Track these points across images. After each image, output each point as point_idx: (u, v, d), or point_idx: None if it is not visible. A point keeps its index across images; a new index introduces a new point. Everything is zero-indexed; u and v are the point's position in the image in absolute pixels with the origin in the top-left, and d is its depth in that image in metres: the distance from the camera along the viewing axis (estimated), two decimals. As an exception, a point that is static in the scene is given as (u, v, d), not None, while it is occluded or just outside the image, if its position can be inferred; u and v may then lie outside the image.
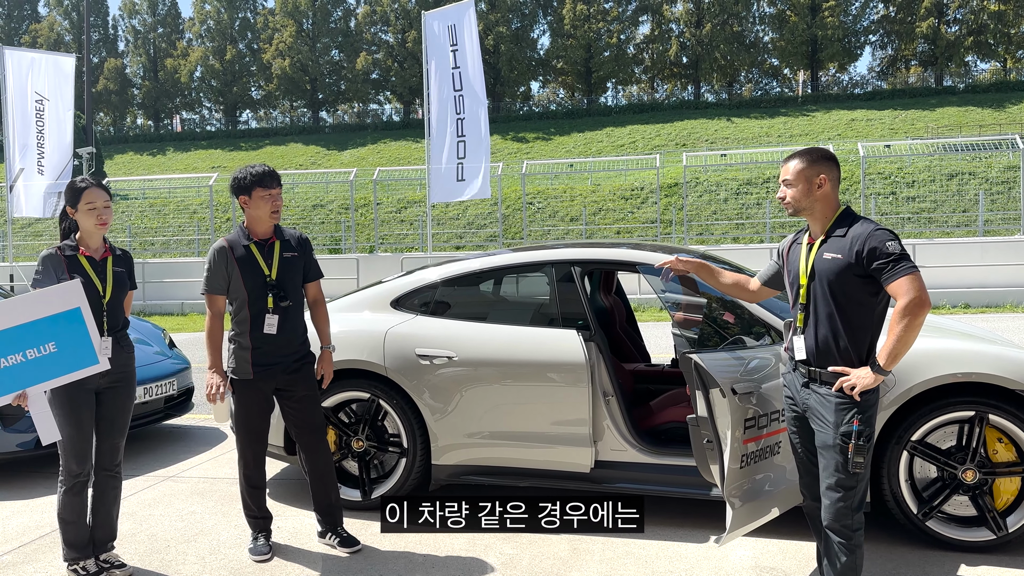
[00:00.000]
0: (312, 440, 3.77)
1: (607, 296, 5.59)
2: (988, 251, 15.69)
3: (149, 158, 58.03)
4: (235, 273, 3.59)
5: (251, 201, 3.59)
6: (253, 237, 3.65)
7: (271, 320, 3.59)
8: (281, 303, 3.61)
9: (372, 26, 65.61)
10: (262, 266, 3.61)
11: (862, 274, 2.74)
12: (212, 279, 3.63)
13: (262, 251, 3.63)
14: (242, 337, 3.63)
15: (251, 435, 3.73)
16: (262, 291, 3.59)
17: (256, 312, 3.60)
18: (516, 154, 47.25)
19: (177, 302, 18.36)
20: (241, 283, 3.59)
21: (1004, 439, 3.54)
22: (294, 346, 3.69)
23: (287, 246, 3.70)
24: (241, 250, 3.62)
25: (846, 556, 2.81)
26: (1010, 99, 48.13)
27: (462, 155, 15.39)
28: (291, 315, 3.65)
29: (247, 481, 3.77)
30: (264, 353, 3.62)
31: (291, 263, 3.68)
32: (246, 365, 3.63)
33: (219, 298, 3.66)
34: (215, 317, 3.65)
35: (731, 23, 59.51)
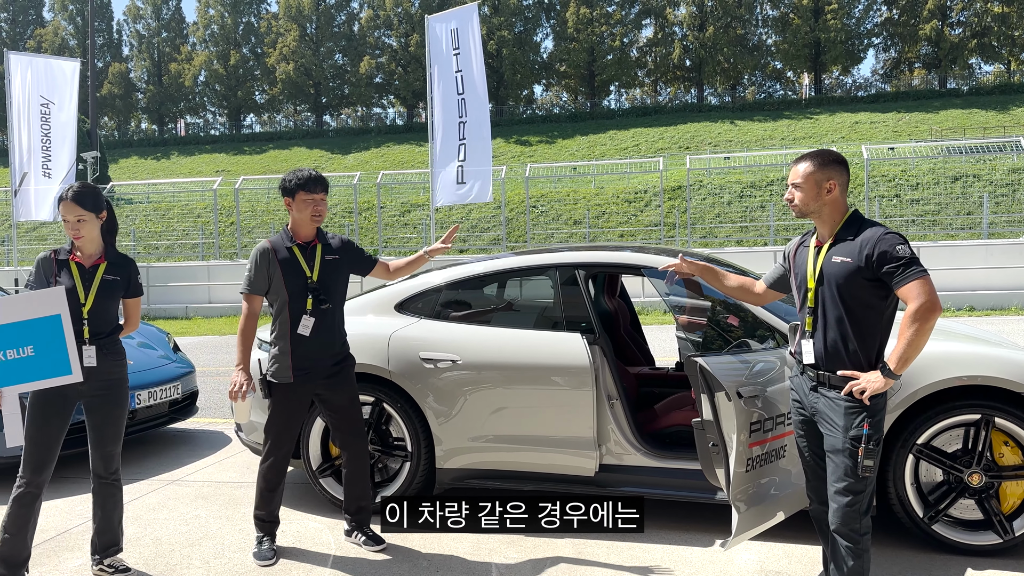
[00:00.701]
0: (353, 443, 3.80)
1: (611, 299, 5.58)
2: (993, 253, 15.65)
3: (153, 162, 58.18)
4: (277, 274, 3.63)
5: (294, 204, 3.65)
6: (296, 240, 3.70)
7: (307, 321, 3.62)
8: (321, 305, 3.63)
9: (375, 30, 65.72)
10: (304, 268, 3.65)
11: (872, 278, 2.73)
12: (254, 279, 3.66)
13: (304, 253, 3.68)
14: (282, 340, 3.65)
15: (281, 438, 3.72)
16: (303, 293, 3.63)
17: (296, 314, 3.63)
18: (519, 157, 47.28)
19: (181, 306, 18.39)
20: (282, 284, 3.62)
21: (1010, 442, 3.53)
22: (334, 348, 3.71)
23: (328, 249, 3.74)
24: (284, 252, 3.66)
25: (853, 560, 2.80)
26: (1014, 101, 48.04)
27: (463, 158, 15.40)
28: (330, 318, 3.67)
29: (266, 483, 3.76)
30: (303, 355, 3.63)
31: (333, 266, 3.71)
32: (286, 370, 3.64)
33: (257, 298, 3.69)
34: (250, 317, 3.67)
35: (734, 26, 59.50)
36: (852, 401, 2.76)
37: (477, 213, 30.65)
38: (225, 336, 14.28)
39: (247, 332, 3.66)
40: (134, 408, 5.49)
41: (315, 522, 4.24)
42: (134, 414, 5.51)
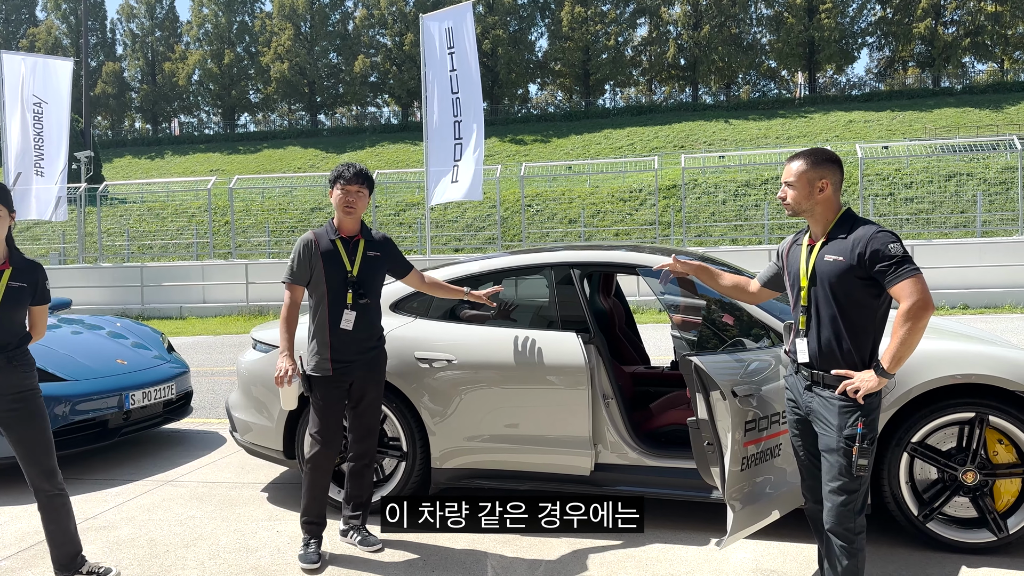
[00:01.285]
0: (364, 440, 3.80)
1: (606, 298, 5.58)
2: (986, 252, 15.70)
3: (147, 161, 58.06)
4: (318, 266, 3.63)
5: (332, 195, 3.69)
6: (340, 233, 3.70)
7: (348, 316, 3.63)
8: (360, 300, 3.65)
9: (370, 29, 65.68)
10: (345, 262, 3.66)
11: (864, 276, 2.73)
12: (296, 270, 3.67)
13: (347, 247, 3.69)
14: (321, 333, 3.66)
15: (325, 433, 3.69)
16: (342, 287, 3.64)
17: (335, 308, 3.64)
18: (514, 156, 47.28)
19: (176, 306, 18.35)
20: (323, 277, 3.62)
21: (1004, 440, 3.54)
22: (371, 342, 3.74)
23: (371, 245, 3.75)
24: (327, 244, 3.67)
25: (847, 559, 2.80)
26: (1007, 100, 48.22)
27: (458, 157, 15.42)
28: (368, 312, 3.70)
29: (312, 484, 3.70)
30: (342, 349, 3.64)
31: (373, 262, 3.73)
32: (325, 362, 3.64)
33: (299, 288, 3.70)
34: (293, 306, 3.69)
35: (729, 25, 59.61)
36: (846, 400, 2.76)
37: (472, 212, 30.64)
38: (220, 336, 14.25)
39: (290, 320, 3.67)
40: (128, 409, 5.48)
41: (310, 522, 4.23)
42: (128, 414, 5.50)
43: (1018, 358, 3.56)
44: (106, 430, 5.40)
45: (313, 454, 3.69)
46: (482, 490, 4.09)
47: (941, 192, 27.34)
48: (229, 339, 13.57)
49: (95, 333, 6.21)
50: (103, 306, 18.25)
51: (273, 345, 4.55)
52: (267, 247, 29.54)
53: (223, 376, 9.35)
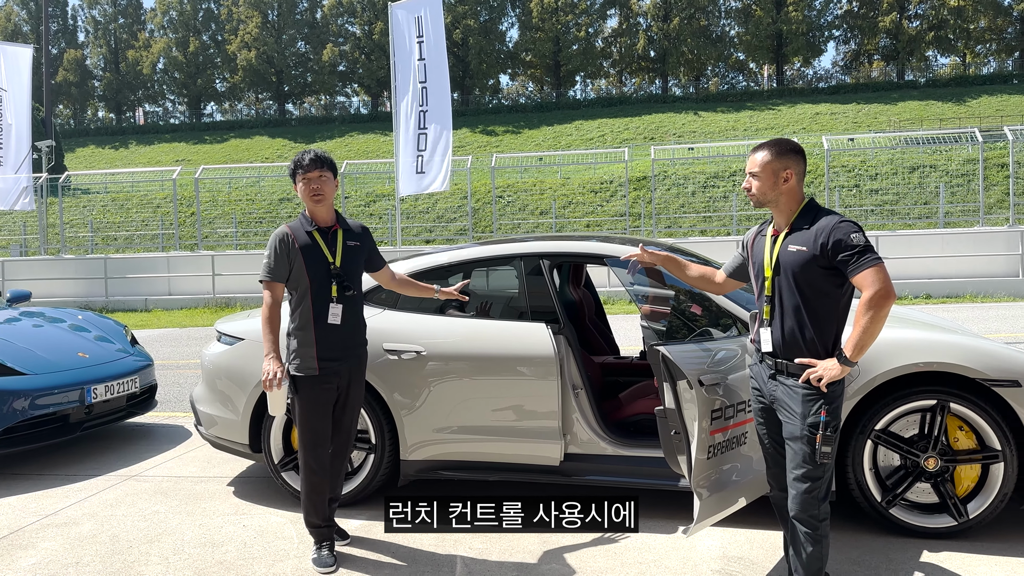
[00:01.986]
0: (339, 435, 3.65)
1: (576, 289, 5.59)
2: (949, 242, 15.99)
3: (111, 151, 56.99)
4: (298, 260, 3.44)
5: (297, 187, 3.52)
6: (316, 224, 3.53)
7: (335, 310, 3.46)
8: (346, 292, 3.49)
9: (338, 17, 65.01)
10: (326, 253, 3.48)
11: (827, 266, 2.75)
12: (275, 266, 3.46)
13: (325, 238, 3.51)
14: (305, 331, 3.46)
15: (316, 437, 3.51)
16: (326, 279, 3.46)
17: (320, 302, 3.47)
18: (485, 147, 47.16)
19: (140, 298, 18.06)
20: (304, 271, 3.44)
21: (965, 427, 3.60)
22: (359, 338, 3.60)
23: (350, 234, 3.59)
24: (304, 237, 3.48)
25: (812, 546, 2.84)
26: (969, 93, 49.10)
27: (423, 147, 15.34)
28: (355, 305, 3.56)
29: (312, 488, 3.54)
30: (329, 346, 3.46)
31: (355, 252, 3.58)
32: (311, 360, 3.45)
33: (278, 286, 3.49)
34: (274, 305, 3.47)
35: (698, 17, 59.92)
36: (810, 389, 2.78)
37: (443, 203, 30.52)
38: (186, 329, 14.06)
39: (273, 320, 3.44)
40: (90, 403, 5.38)
41: (277, 516, 4.19)
42: (90, 408, 5.40)
43: (978, 346, 3.62)
44: (67, 425, 5.30)
45: (309, 459, 3.53)
46: (452, 488, 4.07)
47: (905, 184, 27.78)
48: (195, 332, 13.39)
49: (56, 326, 6.08)
50: (65, 299, 17.91)
51: (238, 337, 4.49)
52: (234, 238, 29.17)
53: (188, 369, 9.23)
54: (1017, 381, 3.47)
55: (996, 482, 3.53)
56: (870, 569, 3.34)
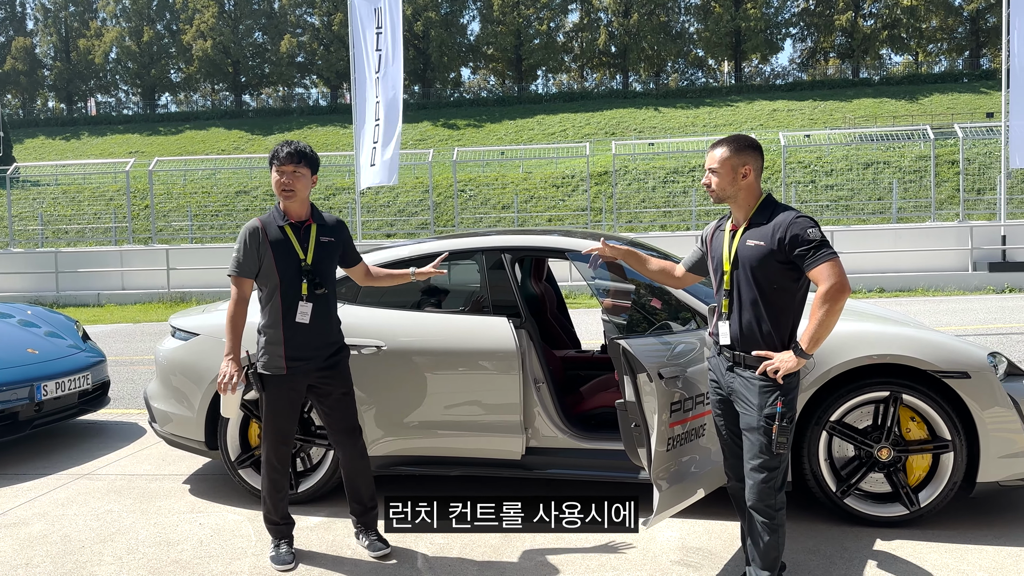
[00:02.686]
0: (348, 440, 3.56)
1: (538, 283, 5.59)
2: (901, 237, 16.37)
3: (62, 142, 55.54)
4: (267, 256, 3.31)
5: (272, 178, 3.37)
6: (288, 218, 3.39)
7: (304, 308, 3.34)
8: (316, 290, 3.37)
9: (296, 8, 64.11)
10: (297, 249, 3.35)
11: (784, 260, 2.79)
12: (243, 261, 3.33)
13: (297, 234, 3.38)
14: (273, 328, 3.35)
15: (279, 435, 3.44)
16: (296, 276, 3.33)
17: (289, 300, 3.34)
18: (447, 141, 46.98)
19: (93, 292, 17.65)
20: (273, 267, 3.31)
21: (916, 418, 3.68)
22: (330, 337, 3.45)
23: (324, 230, 3.45)
24: (275, 231, 3.35)
25: (769, 535, 2.88)
26: (922, 91, 50.24)
27: (376, 140, 15.24)
28: (325, 304, 3.42)
29: (273, 485, 3.48)
30: (297, 345, 3.35)
31: (328, 248, 3.44)
32: (278, 359, 3.35)
33: (247, 282, 3.37)
34: (240, 302, 3.35)
35: (658, 13, 60.35)
36: (766, 380, 2.82)
37: (404, 197, 30.35)
38: (140, 324, 13.78)
39: (237, 318, 3.35)
40: (40, 400, 5.24)
41: (234, 514, 4.12)
42: (40, 406, 5.26)
43: (930, 339, 3.71)
44: (16, 422, 5.15)
45: (272, 456, 3.46)
46: (452, 488, 4.01)
47: (859, 180, 28.36)
48: (149, 327, 13.13)
49: (4, 321, 5.92)
50: (14, 293, 17.44)
51: (193, 332, 4.41)
52: (189, 232, 28.65)
53: (142, 365, 9.05)
54: (966, 373, 3.56)
55: (946, 471, 3.62)
56: (825, 558, 3.40)
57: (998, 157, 21.60)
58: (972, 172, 26.76)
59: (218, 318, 4.48)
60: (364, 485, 3.59)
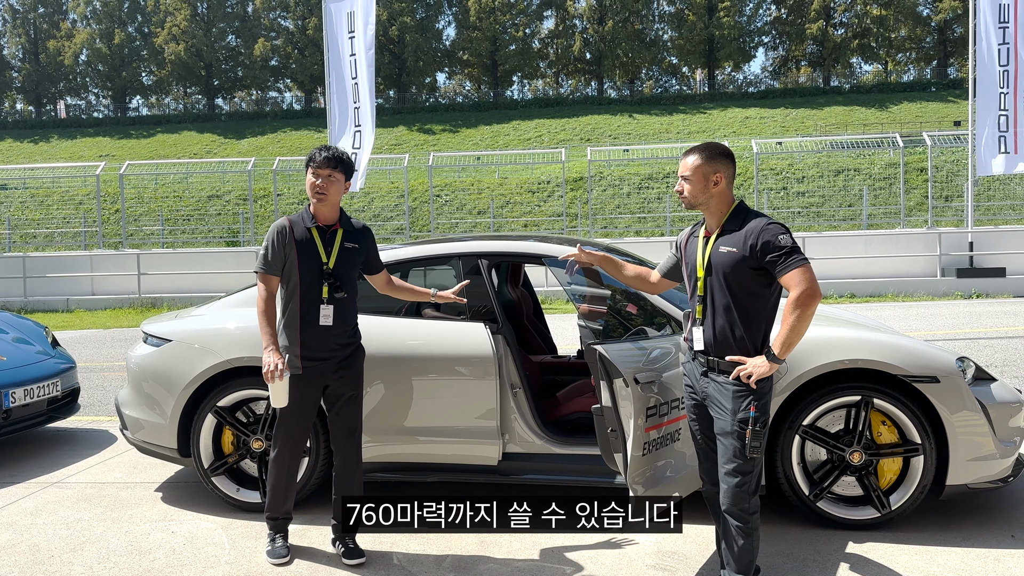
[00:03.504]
0: (346, 444, 3.58)
1: (514, 289, 5.60)
2: (872, 244, 16.60)
3: (31, 145, 54.63)
4: (292, 256, 3.40)
5: (306, 180, 3.45)
6: (316, 221, 3.46)
7: (326, 311, 3.41)
8: (336, 294, 3.43)
9: (271, 11, 63.69)
10: (320, 253, 3.43)
11: (756, 266, 2.83)
12: (271, 259, 3.42)
13: (323, 237, 3.45)
14: (291, 329, 3.42)
15: (291, 435, 3.51)
16: (317, 279, 3.41)
17: (309, 302, 3.41)
18: (423, 146, 46.90)
19: (62, 298, 17.37)
20: (296, 267, 3.39)
21: (887, 422, 3.74)
22: (345, 339, 3.52)
23: (350, 236, 3.52)
24: (302, 232, 3.43)
25: (743, 539, 2.91)
26: (891, 100, 51.05)
27: (357, 145, 15.20)
28: (345, 307, 3.48)
29: (279, 482, 3.54)
30: (314, 346, 3.42)
31: (350, 254, 3.50)
32: (295, 360, 3.41)
33: (274, 279, 3.45)
34: (269, 298, 3.42)
35: (632, 21, 60.76)
36: (740, 385, 2.86)
37: (380, 202, 30.25)
38: (110, 330, 13.58)
39: (269, 311, 3.40)
40: (8, 407, 5.15)
41: (207, 522, 4.08)
42: (8, 413, 5.17)
43: (900, 344, 3.77)
44: (-17, 430, 5.06)
45: (280, 455, 3.51)
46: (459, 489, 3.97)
47: (830, 186, 28.74)
48: (120, 333, 12.95)
49: (-30, 327, 5.80)
50: (-20, 299, 17.10)
51: (165, 339, 4.36)
52: (160, 236, 28.32)
53: (113, 372, 8.92)
54: (936, 377, 3.62)
55: (916, 474, 3.68)
56: (798, 561, 3.44)
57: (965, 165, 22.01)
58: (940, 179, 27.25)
59: (191, 324, 4.44)
60: (356, 488, 3.62)
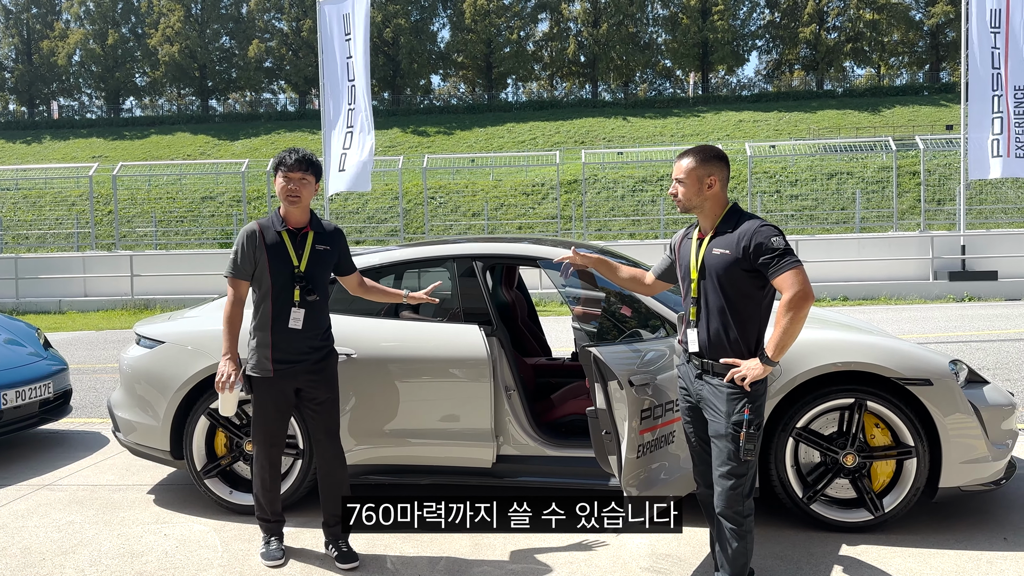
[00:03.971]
0: (327, 445, 3.56)
1: (509, 291, 5.60)
2: (864, 247, 16.65)
3: (23, 146, 54.40)
4: (263, 260, 3.39)
5: (276, 183, 3.44)
6: (287, 224, 3.46)
7: (296, 314, 3.41)
8: (308, 297, 3.43)
9: (265, 13, 63.58)
10: (292, 256, 3.42)
11: (749, 269, 2.84)
12: (240, 264, 3.42)
13: (294, 240, 3.45)
14: (263, 332, 3.43)
15: (269, 436, 3.51)
16: (288, 283, 3.41)
17: (280, 305, 3.41)
18: (417, 148, 46.87)
19: (54, 299, 17.30)
20: (267, 271, 3.39)
21: (880, 424, 3.75)
22: (317, 342, 3.50)
23: (321, 238, 3.51)
24: (273, 236, 3.43)
25: (737, 542, 2.91)
26: (884, 103, 51.22)
27: (348, 146, 15.18)
28: (317, 310, 3.48)
29: (263, 484, 3.56)
30: (285, 349, 3.42)
31: (322, 256, 3.49)
32: (266, 362, 3.42)
33: (243, 283, 3.45)
34: (236, 303, 3.43)
35: (626, 24, 60.84)
36: (734, 388, 2.86)
37: (374, 204, 30.21)
38: (103, 331, 13.53)
39: (233, 318, 3.41)
40: (0, 409, 5.12)
41: (200, 524, 4.06)
42: (0, 415, 5.14)
43: (893, 346, 3.78)
44: (-26, 432, 5.04)
45: (262, 457, 3.52)
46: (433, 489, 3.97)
47: (823, 190, 28.82)
48: (112, 334, 12.90)
49: (-39, 329, 5.77)
50: (-28, 300, 17.02)
51: (158, 340, 4.34)
52: (154, 238, 28.22)
53: (106, 373, 8.88)
54: (929, 380, 3.63)
55: (909, 477, 3.69)
56: (792, 563, 3.44)
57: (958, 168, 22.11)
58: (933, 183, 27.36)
59: (184, 326, 4.42)
60: (340, 491, 3.59)
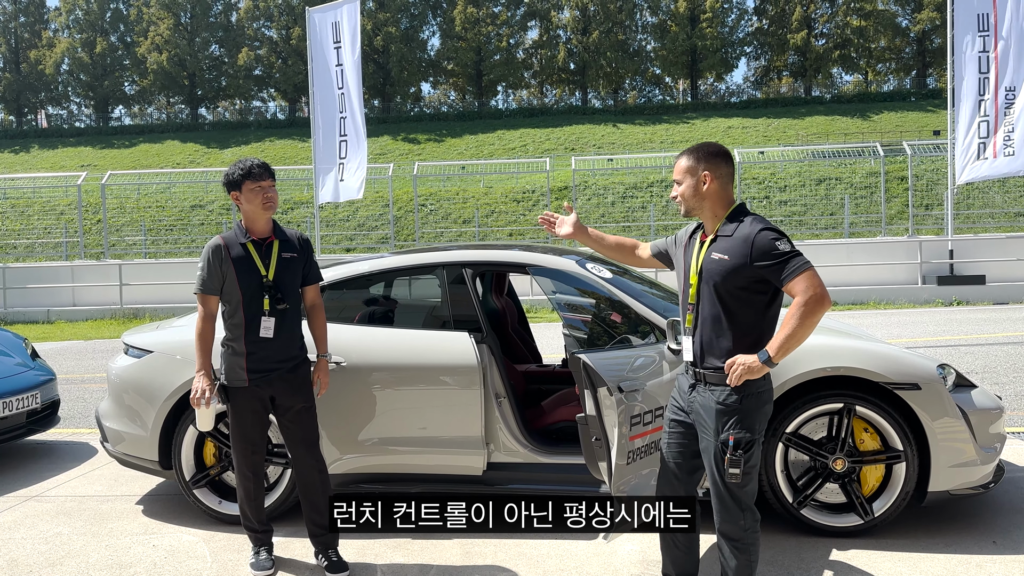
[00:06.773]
0: (305, 454, 3.54)
1: (499, 298, 5.59)
2: (853, 252, 16.72)
3: (11, 156, 54.16)
4: (230, 273, 3.40)
5: (243, 196, 3.42)
6: (251, 235, 3.46)
7: (267, 323, 3.41)
8: (278, 306, 3.42)
9: (254, 21, 63.56)
10: (259, 266, 3.42)
11: (750, 275, 2.67)
12: (207, 279, 3.42)
13: (259, 251, 3.45)
14: (236, 342, 3.43)
15: (248, 446, 3.51)
16: (258, 292, 3.40)
17: (251, 315, 3.41)
18: (408, 155, 46.88)
19: (43, 309, 17.18)
20: (236, 284, 3.39)
21: (870, 429, 3.76)
22: (292, 351, 3.50)
23: (287, 246, 3.51)
24: (238, 249, 3.43)
25: (736, 559, 2.79)
26: (872, 109, 51.59)
27: (344, 155, 15.17)
28: (288, 318, 3.47)
29: (247, 494, 3.55)
30: (259, 358, 3.42)
31: (290, 264, 3.49)
32: (240, 371, 3.42)
33: (212, 299, 3.44)
34: (207, 319, 3.43)
35: (616, 31, 61.10)
36: (723, 403, 2.72)
37: (364, 211, 30.19)
38: (91, 341, 13.45)
39: (205, 334, 3.42)
40: (-14, 420, 5.08)
41: (189, 535, 4.04)
42: (-14, 426, 5.10)
43: (882, 351, 3.80)
44: (-40, 444, 4.99)
45: (243, 466, 3.52)
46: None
47: (812, 195, 28.97)
48: (101, 344, 12.82)
49: (-53, 339, 5.73)
50: (-41, 310, 16.90)
51: (147, 350, 4.32)
52: (143, 247, 28.11)
53: (94, 383, 8.82)
54: (917, 384, 3.65)
55: (899, 481, 3.70)
56: (783, 568, 3.45)
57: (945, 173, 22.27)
58: (920, 188, 27.54)
59: (172, 335, 4.40)
60: (323, 503, 3.53)
